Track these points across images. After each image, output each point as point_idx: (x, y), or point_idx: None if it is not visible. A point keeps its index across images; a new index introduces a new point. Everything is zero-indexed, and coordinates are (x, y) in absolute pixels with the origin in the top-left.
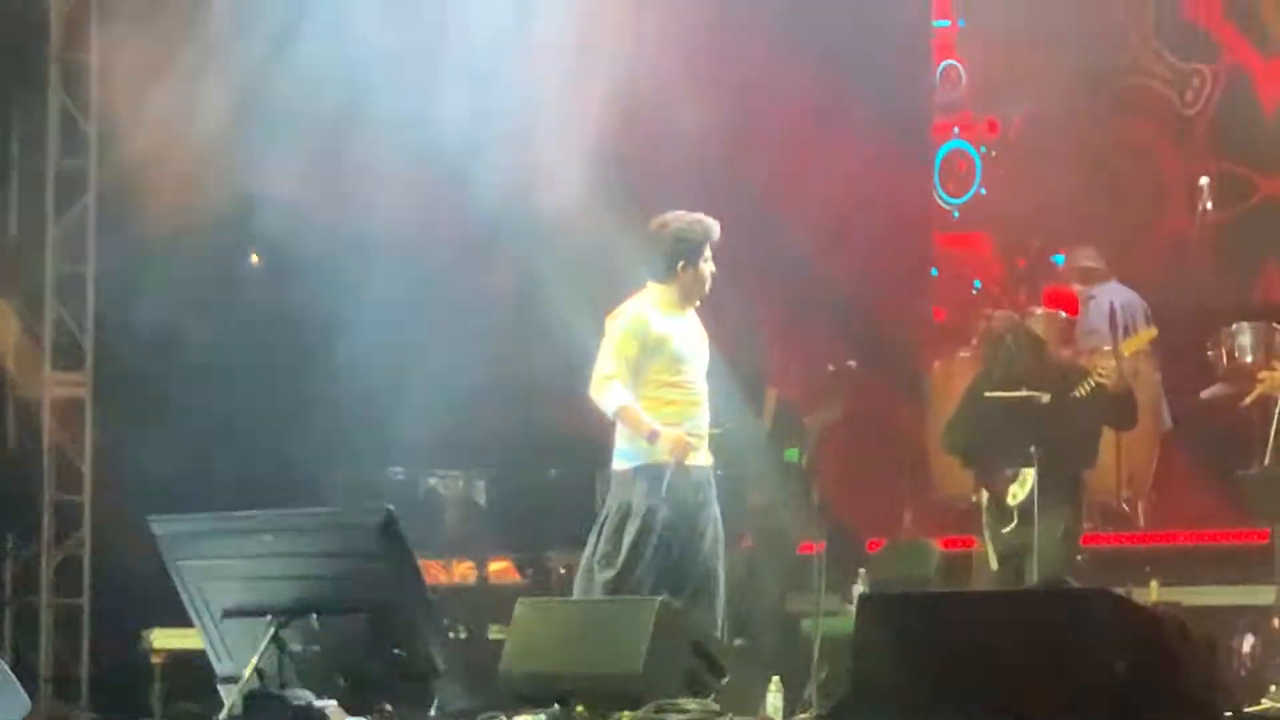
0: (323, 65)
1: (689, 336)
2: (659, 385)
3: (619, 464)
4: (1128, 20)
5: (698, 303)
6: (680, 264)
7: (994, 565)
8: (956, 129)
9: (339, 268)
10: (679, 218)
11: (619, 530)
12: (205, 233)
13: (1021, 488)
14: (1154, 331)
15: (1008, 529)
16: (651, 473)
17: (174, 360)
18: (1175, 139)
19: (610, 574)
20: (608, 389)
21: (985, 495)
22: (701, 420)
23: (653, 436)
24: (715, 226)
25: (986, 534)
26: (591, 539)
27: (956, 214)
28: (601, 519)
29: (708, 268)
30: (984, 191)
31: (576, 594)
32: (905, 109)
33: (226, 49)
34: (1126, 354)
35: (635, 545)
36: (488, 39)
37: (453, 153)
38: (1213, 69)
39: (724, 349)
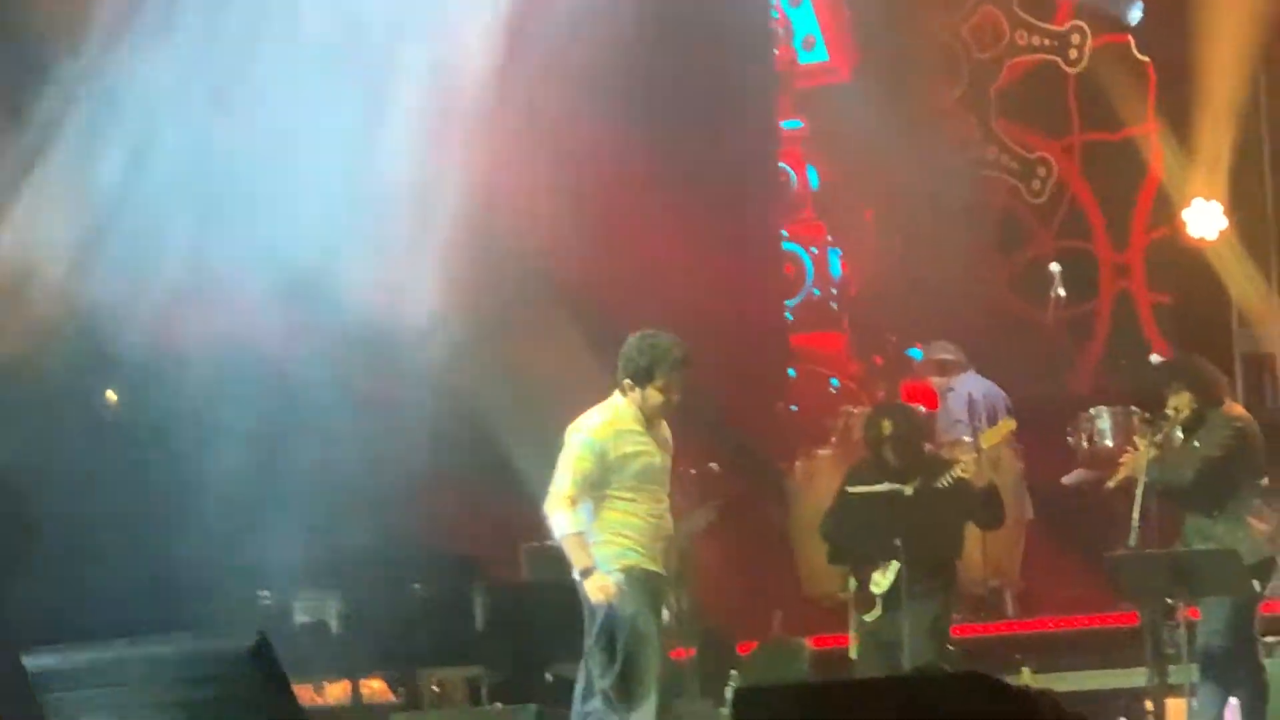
0: (179, 178)
1: (650, 449)
2: (619, 497)
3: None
4: (970, 113)
5: (661, 419)
6: (627, 381)
7: (853, 654)
8: (784, 231)
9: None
10: (640, 336)
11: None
12: (59, 355)
13: (884, 576)
14: (1012, 423)
15: (871, 616)
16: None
17: (39, 489)
18: (1023, 227)
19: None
20: (561, 510)
21: (853, 584)
22: (664, 525)
23: (585, 573)
24: (673, 350)
25: (852, 624)
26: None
27: (789, 315)
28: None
29: (661, 391)
30: (816, 292)
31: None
32: (756, 212)
33: (73, 173)
34: (985, 446)
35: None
36: (340, 141)
37: (308, 262)
38: (1058, 156)
39: None
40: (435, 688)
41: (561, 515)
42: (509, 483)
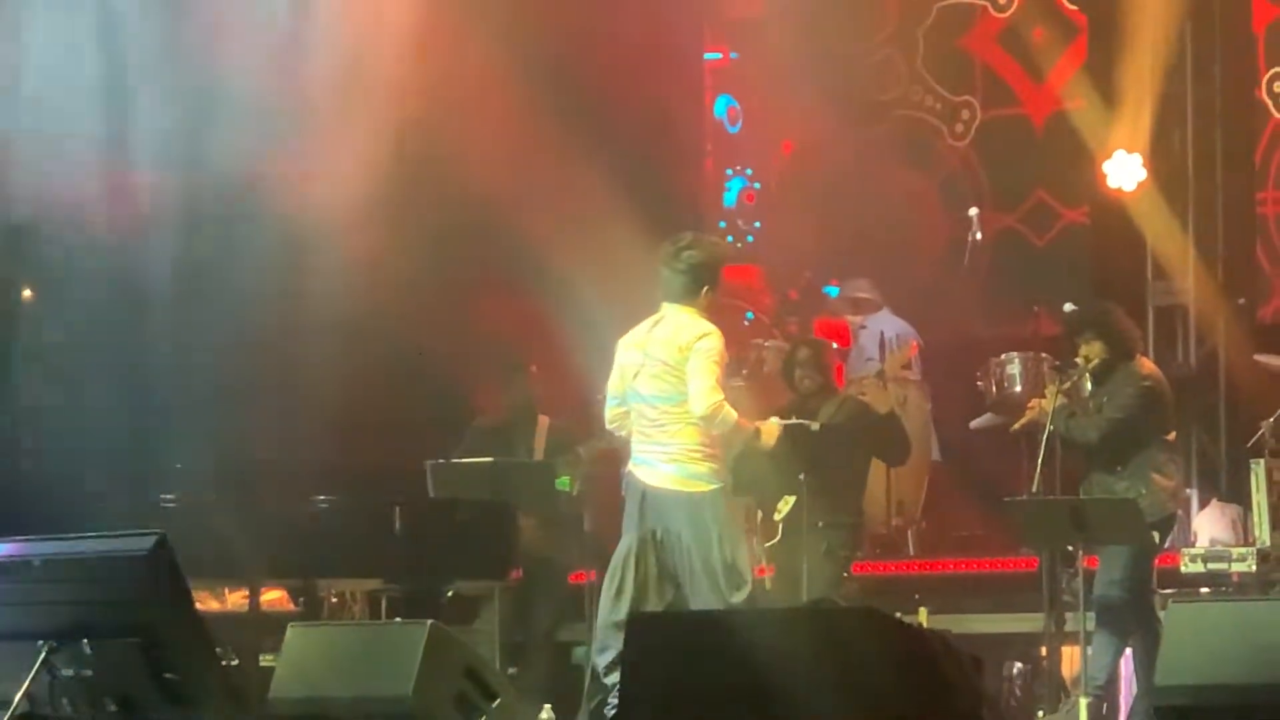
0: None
1: None
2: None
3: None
4: (896, 53)
5: None
6: (706, 289)
7: (767, 585)
8: (739, 166)
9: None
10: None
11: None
12: None
13: (786, 503)
14: (915, 344)
15: (771, 544)
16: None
17: None
18: (945, 170)
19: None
20: (724, 404)
21: (759, 514)
22: None
23: (765, 433)
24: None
25: (762, 554)
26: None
27: (751, 238)
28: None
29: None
30: (758, 224)
31: None
32: (679, 141)
33: None
34: (889, 370)
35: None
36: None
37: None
38: (982, 100)
39: (496, 379)
40: (334, 599)
41: (727, 407)
42: (420, 397)
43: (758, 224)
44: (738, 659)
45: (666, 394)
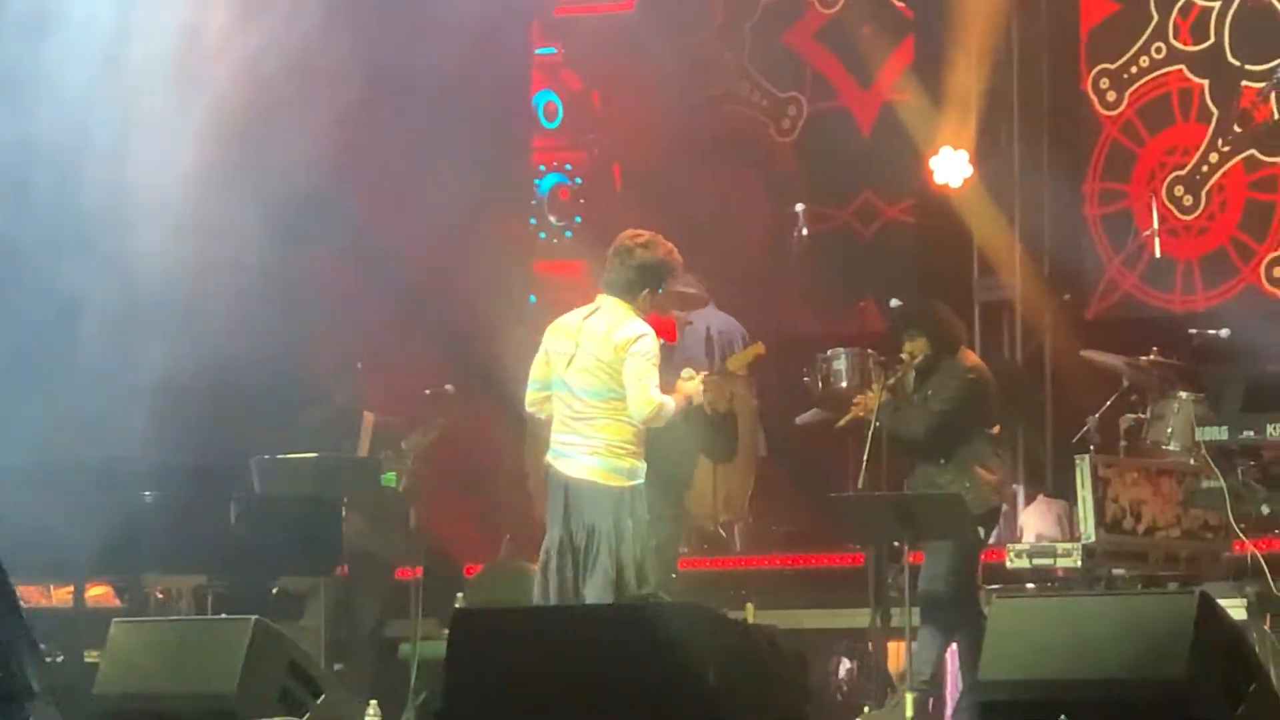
0: None
1: None
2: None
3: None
4: (724, 48)
5: None
6: (647, 291)
7: None
8: (558, 162)
9: None
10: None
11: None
12: None
13: None
14: (761, 347)
15: None
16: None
17: None
18: (771, 166)
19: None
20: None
21: None
22: None
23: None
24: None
25: None
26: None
27: (569, 233)
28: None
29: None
30: (579, 220)
31: None
32: (507, 138)
33: None
34: (732, 369)
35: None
36: (86, 57)
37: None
38: (808, 97)
39: (319, 375)
40: (160, 595)
41: (666, 404)
42: (244, 391)
43: (578, 219)
44: (564, 654)
45: (595, 389)
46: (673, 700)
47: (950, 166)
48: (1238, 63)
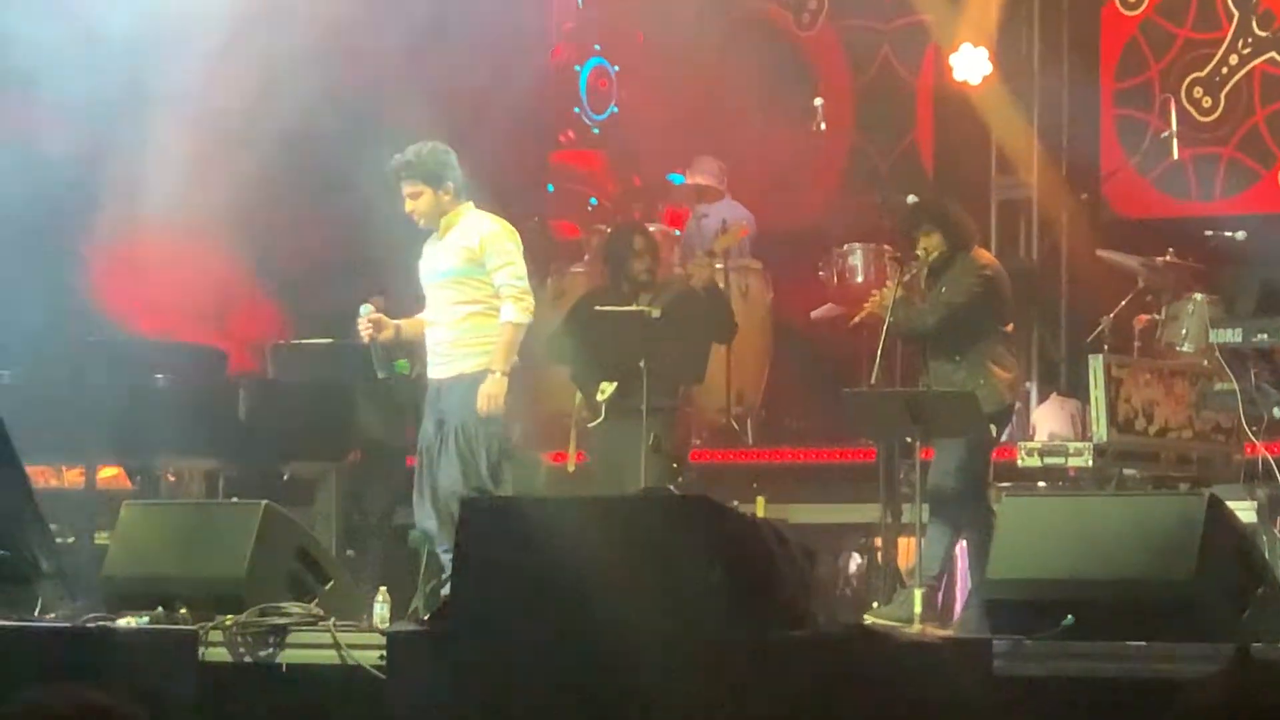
0: None
1: None
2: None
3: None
4: None
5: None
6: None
7: (570, 468)
8: (598, 45)
9: None
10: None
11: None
12: None
13: (610, 384)
14: (745, 228)
15: (594, 424)
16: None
17: None
18: (792, 59)
19: None
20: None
21: (579, 397)
22: None
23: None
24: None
25: (573, 431)
26: None
27: (597, 130)
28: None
29: None
30: (615, 109)
31: None
32: (522, 25)
33: None
34: (718, 250)
35: None
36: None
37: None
38: None
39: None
40: (171, 478)
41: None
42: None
43: (614, 109)
44: (568, 546)
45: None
46: (676, 592)
47: (970, 63)
48: None
